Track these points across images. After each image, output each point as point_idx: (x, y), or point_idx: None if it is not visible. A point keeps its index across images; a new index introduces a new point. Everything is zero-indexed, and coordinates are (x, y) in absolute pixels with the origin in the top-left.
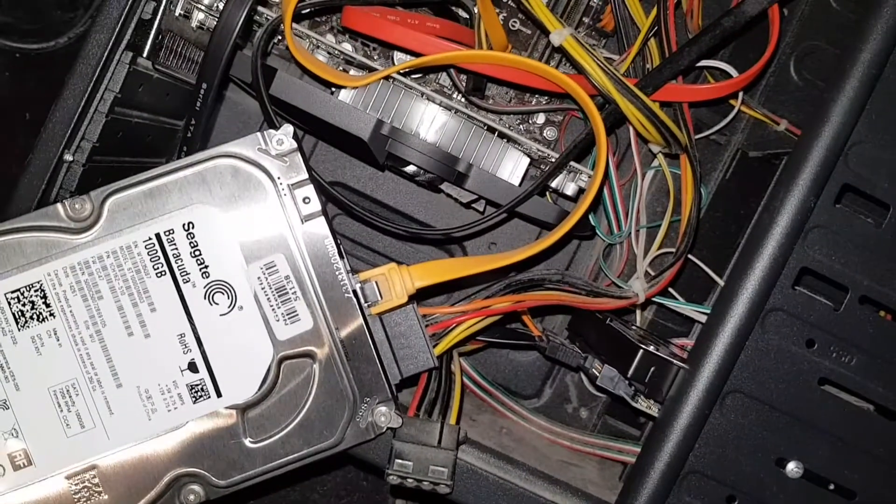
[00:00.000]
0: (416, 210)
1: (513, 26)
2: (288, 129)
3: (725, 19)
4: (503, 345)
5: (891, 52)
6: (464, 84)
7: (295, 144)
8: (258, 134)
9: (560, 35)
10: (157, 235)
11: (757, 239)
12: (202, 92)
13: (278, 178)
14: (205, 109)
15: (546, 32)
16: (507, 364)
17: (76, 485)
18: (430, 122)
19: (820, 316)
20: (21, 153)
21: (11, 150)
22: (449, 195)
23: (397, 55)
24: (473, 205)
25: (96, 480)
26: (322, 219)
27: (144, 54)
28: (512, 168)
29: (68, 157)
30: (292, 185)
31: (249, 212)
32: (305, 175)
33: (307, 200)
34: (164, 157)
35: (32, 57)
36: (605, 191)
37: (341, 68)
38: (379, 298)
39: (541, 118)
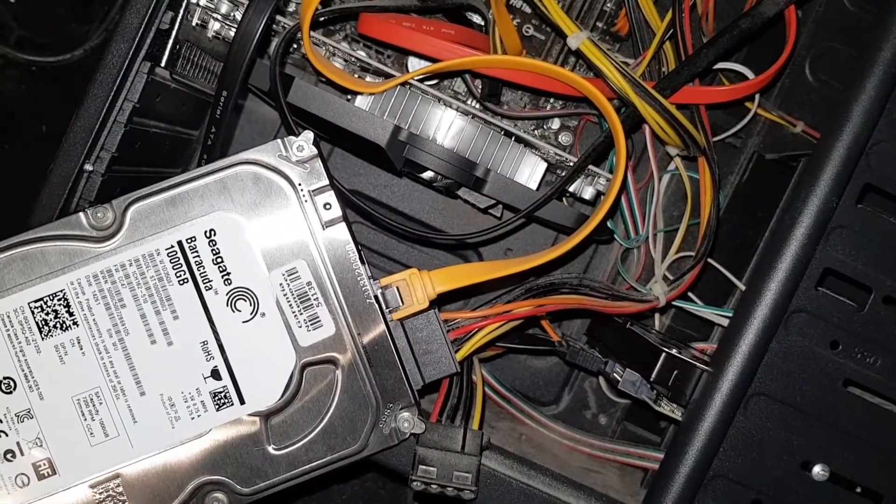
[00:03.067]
0: (432, 216)
1: (527, 32)
2: (308, 135)
3: (743, 21)
4: (523, 350)
5: None
6: (479, 90)
7: (315, 151)
8: (279, 140)
9: (577, 38)
10: (180, 243)
11: (779, 240)
12: (222, 99)
13: (299, 184)
14: (225, 117)
15: (563, 36)
16: (525, 370)
17: (100, 493)
18: (447, 127)
19: (843, 317)
20: (38, 165)
21: (29, 162)
22: (466, 201)
23: (410, 62)
24: (490, 210)
25: (120, 489)
26: (343, 224)
27: (162, 64)
28: (529, 173)
29: (88, 168)
30: (313, 191)
31: (271, 218)
32: (326, 181)
33: (328, 206)
34: (179, 166)
35: (48, 70)
36: (622, 195)
37: (357, 75)
38: (400, 304)
39: (556, 123)
